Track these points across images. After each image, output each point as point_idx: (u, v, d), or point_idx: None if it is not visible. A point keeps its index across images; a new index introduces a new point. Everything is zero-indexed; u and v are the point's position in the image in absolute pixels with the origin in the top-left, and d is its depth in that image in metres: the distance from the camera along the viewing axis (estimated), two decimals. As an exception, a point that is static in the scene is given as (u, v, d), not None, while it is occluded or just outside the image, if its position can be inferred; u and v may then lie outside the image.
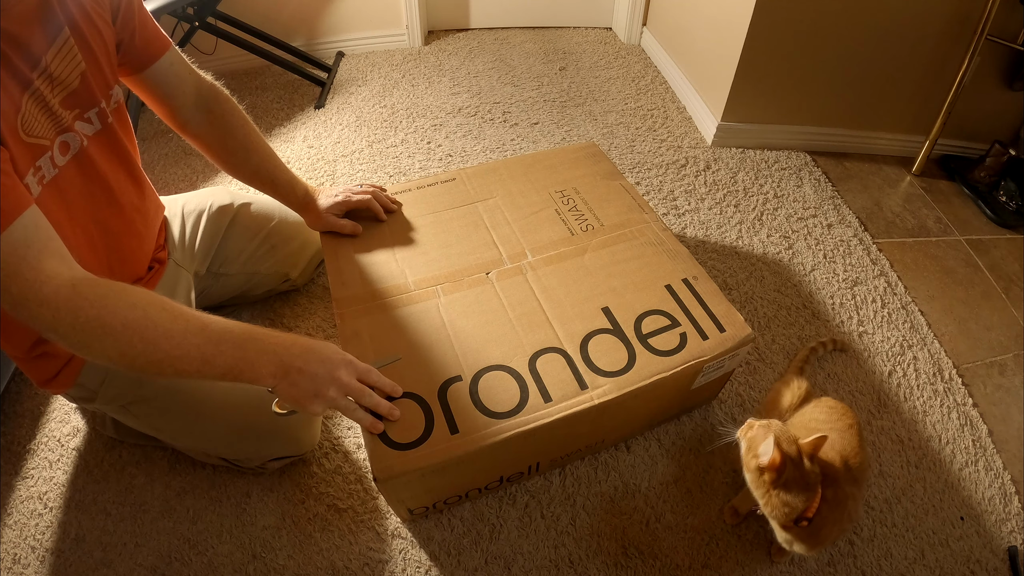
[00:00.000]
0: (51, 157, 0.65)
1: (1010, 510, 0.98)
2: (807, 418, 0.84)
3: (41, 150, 0.64)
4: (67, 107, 0.67)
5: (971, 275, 1.41)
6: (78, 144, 0.70)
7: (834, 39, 1.46)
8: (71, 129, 0.68)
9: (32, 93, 0.62)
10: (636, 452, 1.01)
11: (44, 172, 0.65)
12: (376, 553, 0.89)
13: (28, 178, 0.62)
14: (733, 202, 1.51)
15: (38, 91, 0.62)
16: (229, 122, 0.91)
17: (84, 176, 0.72)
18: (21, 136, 0.60)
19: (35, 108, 0.62)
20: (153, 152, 1.62)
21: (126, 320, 0.58)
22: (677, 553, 0.90)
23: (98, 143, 0.74)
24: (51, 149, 0.65)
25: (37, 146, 0.63)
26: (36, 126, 0.63)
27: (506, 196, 1.11)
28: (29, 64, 0.61)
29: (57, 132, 0.66)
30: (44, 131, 0.64)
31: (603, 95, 1.89)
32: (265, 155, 0.96)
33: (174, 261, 0.94)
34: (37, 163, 0.63)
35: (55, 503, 0.94)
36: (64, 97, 0.67)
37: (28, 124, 0.61)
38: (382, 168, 1.57)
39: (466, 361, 0.84)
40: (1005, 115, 1.64)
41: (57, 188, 0.67)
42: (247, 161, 0.95)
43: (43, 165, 0.64)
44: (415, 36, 2.08)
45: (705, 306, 0.92)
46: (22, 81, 0.60)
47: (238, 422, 0.87)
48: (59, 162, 0.67)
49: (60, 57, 0.65)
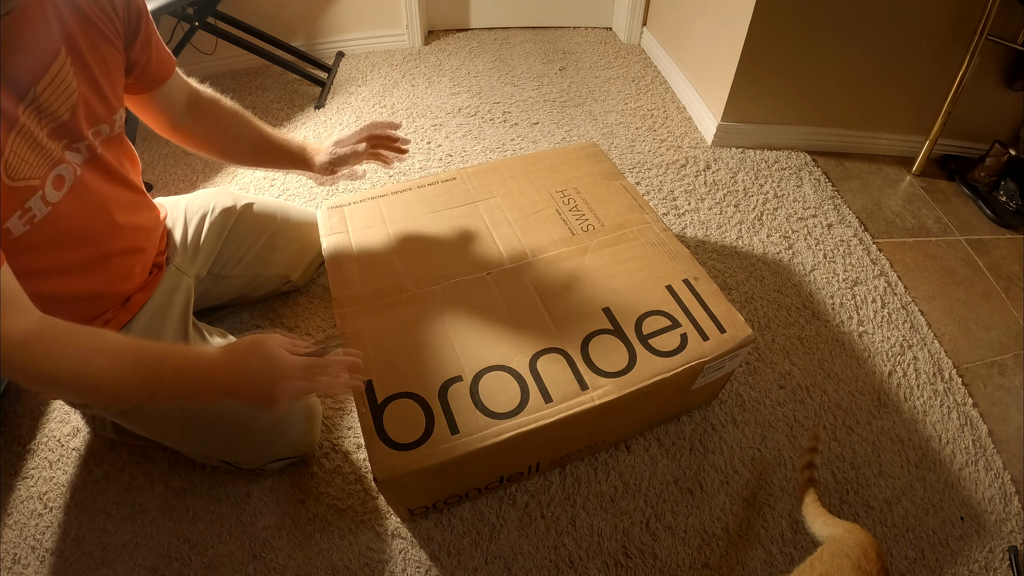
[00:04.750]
0: (42, 196, 0.62)
1: (1010, 510, 0.98)
2: None
3: (30, 192, 0.60)
4: (55, 138, 0.63)
5: (971, 275, 1.41)
6: (72, 175, 0.66)
7: (834, 39, 1.46)
8: (63, 161, 0.64)
9: (19, 131, 0.57)
10: (636, 452, 1.01)
11: (35, 212, 0.61)
12: (376, 553, 0.89)
13: (12, 221, 0.59)
14: (733, 202, 1.51)
15: (24, 128, 0.58)
16: (217, 111, 0.92)
17: (81, 206, 0.69)
18: (4, 182, 0.57)
19: (23, 147, 0.58)
20: (153, 152, 1.62)
21: (72, 371, 0.58)
22: (677, 553, 0.90)
23: (91, 168, 0.70)
24: (42, 188, 0.62)
25: (25, 188, 0.59)
26: (23, 167, 0.59)
27: (507, 196, 1.11)
28: (16, 96, 0.57)
29: (49, 167, 0.62)
30: (33, 171, 0.60)
31: (603, 95, 1.89)
32: (257, 129, 0.96)
33: (175, 265, 0.94)
34: (26, 205, 0.60)
35: (55, 503, 0.94)
36: (52, 129, 0.62)
37: (13, 167, 0.57)
38: (382, 168, 1.57)
39: (466, 361, 0.84)
40: (1005, 115, 1.64)
41: (51, 224, 0.64)
42: (242, 138, 0.94)
43: (33, 206, 0.61)
44: (415, 36, 2.08)
45: (706, 307, 0.92)
46: (6, 121, 0.56)
47: (238, 426, 0.86)
48: (53, 199, 0.63)
49: (53, 87, 0.61)
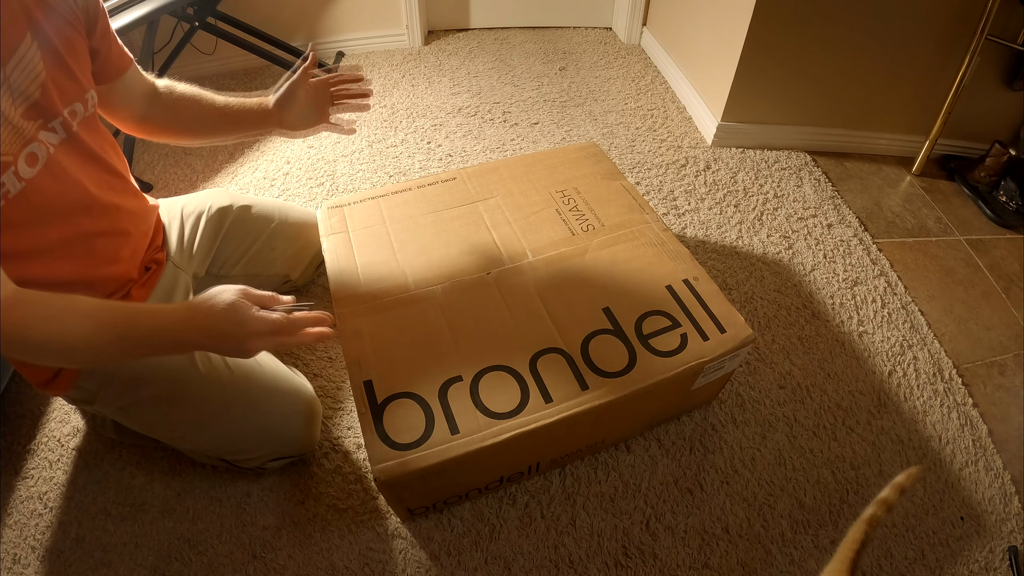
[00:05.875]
0: (15, 172, 0.63)
1: (1010, 510, 0.98)
2: None
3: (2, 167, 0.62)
4: (29, 118, 0.65)
5: (971, 275, 1.41)
6: (45, 153, 0.68)
7: (834, 39, 1.46)
8: (35, 139, 0.66)
9: None
10: (636, 452, 1.01)
11: (8, 187, 0.63)
12: (376, 553, 0.89)
13: None
14: (733, 202, 1.51)
15: None
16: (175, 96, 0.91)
17: (57, 183, 0.70)
18: None
19: None
20: (153, 152, 1.62)
21: (46, 333, 0.61)
22: (677, 553, 0.90)
23: (66, 150, 0.72)
24: (15, 164, 0.63)
25: None
26: None
27: (507, 196, 1.11)
28: None
29: (21, 145, 0.64)
30: (6, 147, 0.62)
31: (603, 95, 1.89)
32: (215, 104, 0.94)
33: (173, 263, 0.94)
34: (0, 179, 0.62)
35: (55, 503, 0.94)
36: (26, 109, 0.64)
37: None
38: (382, 168, 1.57)
39: (466, 361, 0.84)
40: (1005, 115, 1.64)
41: (25, 199, 0.65)
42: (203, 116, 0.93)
43: (6, 181, 0.63)
44: (415, 36, 2.08)
45: (706, 307, 0.92)
46: None
47: (238, 424, 0.86)
48: (26, 174, 0.65)
49: (21, 68, 0.63)
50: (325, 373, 1.11)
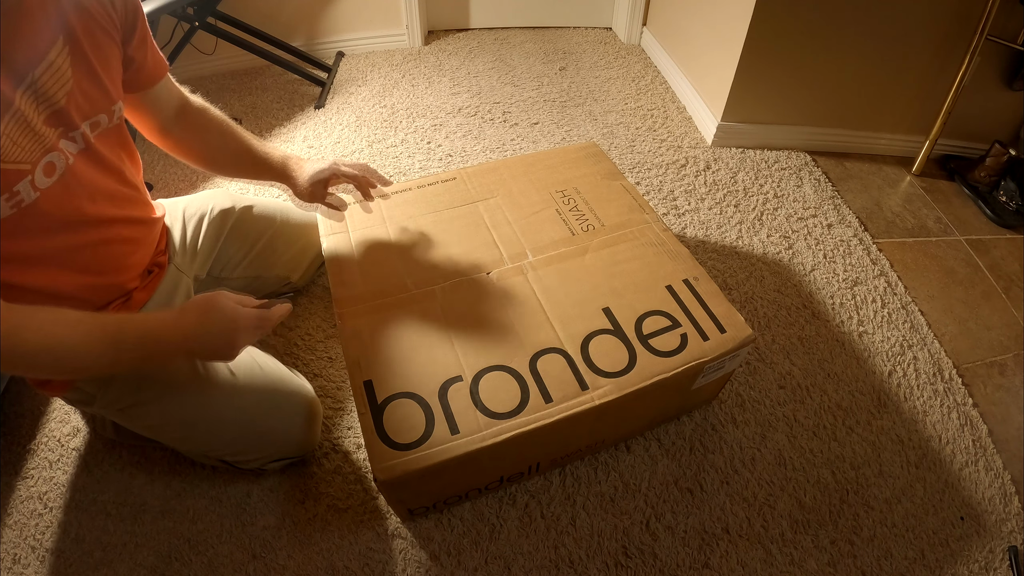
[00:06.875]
0: (31, 181, 0.62)
1: (1010, 510, 0.98)
2: None
3: (19, 176, 0.61)
4: (51, 125, 0.64)
5: (971, 275, 1.41)
6: (64, 164, 0.67)
7: (834, 39, 1.46)
8: (56, 148, 0.65)
9: (13, 115, 0.58)
10: (636, 452, 1.01)
11: (23, 196, 0.62)
12: (376, 553, 0.89)
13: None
14: (733, 202, 1.51)
15: (19, 112, 0.59)
16: (204, 122, 0.93)
17: (69, 193, 0.69)
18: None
19: (16, 131, 0.59)
20: (153, 152, 1.62)
21: (36, 344, 0.61)
22: (677, 553, 0.90)
23: (84, 159, 0.71)
24: (32, 173, 0.62)
25: (14, 171, 0.60)
26: (15, 151, 0.60)
27: (507, 196, 1.11)
28: (14, 81, 0.58)
29: (41, 153, 0.63)
30: (25, 155, 0.61)
31: (603, 95, 1.89)
32: (240, 142, 0.96)
33: (175, 265, 0.94)
34: (15, 188, 0.61)
35: (55, 503, 0.94)
36: (48, 115, 0.63)
37: (5, 150, 0.58)
38: (382, 168, 1.57)
39: (466, 361, 0.84)
40: (1005, 115, 1.64)
41: (36, 208, 0.64)
42: (226, 150, 0.95)
43: (21, 190, 0.62)
44: (415, 36, 2.08)
45: (706, 307, 0.92)
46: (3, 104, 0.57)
47: (238, 426, 0.86)
48: (42, 184, 0.64)
49: (51, 72, 0.62)
50: (325, 373, 1.11)
